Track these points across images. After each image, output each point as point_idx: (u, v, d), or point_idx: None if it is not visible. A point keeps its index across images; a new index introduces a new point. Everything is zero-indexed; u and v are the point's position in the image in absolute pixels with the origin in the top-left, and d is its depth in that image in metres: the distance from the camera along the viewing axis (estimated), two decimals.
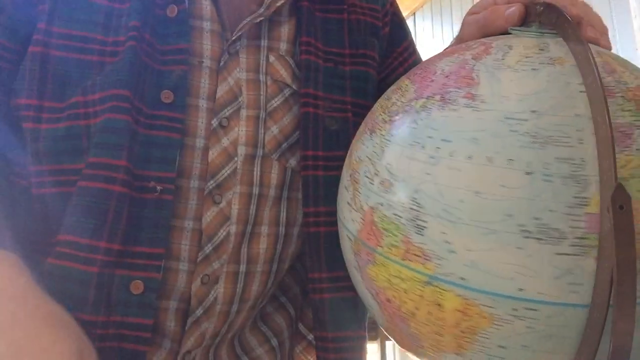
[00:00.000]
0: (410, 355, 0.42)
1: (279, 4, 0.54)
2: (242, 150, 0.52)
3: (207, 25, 0.53)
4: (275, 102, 0.55)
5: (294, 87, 0.55)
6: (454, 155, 0.34)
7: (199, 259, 0.51)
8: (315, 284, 0.52)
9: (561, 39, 0.39)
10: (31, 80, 0.48)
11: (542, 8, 0.40)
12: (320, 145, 0.53)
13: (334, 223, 0.47)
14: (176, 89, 0.49)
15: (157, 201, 0.48)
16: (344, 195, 0.42)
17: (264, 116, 0.54)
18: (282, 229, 0.55)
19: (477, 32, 0.46)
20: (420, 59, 0.67)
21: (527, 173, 0.32)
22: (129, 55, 0.48)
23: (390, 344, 1.71)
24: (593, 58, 0.34)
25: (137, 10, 0.49)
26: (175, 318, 0.51)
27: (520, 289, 0.32)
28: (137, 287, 0.47)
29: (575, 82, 0.34)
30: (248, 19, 0.53)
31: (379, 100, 0.44)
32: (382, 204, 0.37)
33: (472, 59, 0.38)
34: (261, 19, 0.53)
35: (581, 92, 0.34)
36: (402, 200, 0.35)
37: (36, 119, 0.48)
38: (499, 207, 0.32)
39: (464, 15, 0.50)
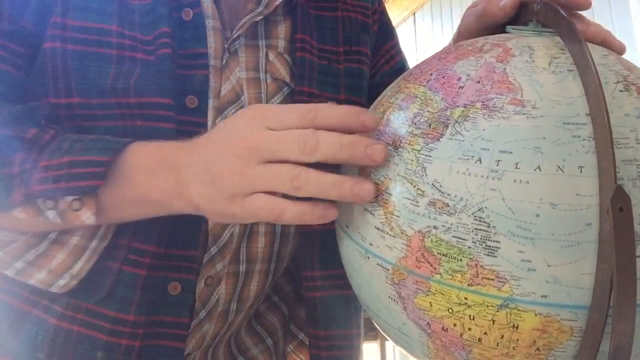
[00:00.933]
0: (410, 355, 0.41)
1: (277, 2, 0.53)
2: None
3: (209, 23, 0.51)
4: (275, 100, 0.54)
5: (292, 85, 0.55)
6: (519, 167, 0.32)
7: (204, 261, 0.51)
8: (309, 282, 0.53)
9: (559, 37, 0.39)
10: (55, 78, 0.47)
11: (539, 7, 0.40)
12: None
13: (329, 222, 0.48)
14: (199, 93, 0.50)
15: None
16: (368, 219, 0.38)
17: None
18: (278, 227, 0.55)
19: (474, 22, 0.47)
20: (405, 60, 0.67)
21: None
22: (166, 63, 0.47)
23: (390, 344, 1.67)
24: (591, 56, 0.34)
25: (164, 15, 0.48)
26: None
27: None
28: (174, 288, 0.48)
29: (612, 81, 0.34)
30: (248, 17, 0.52)
31: (383, 110, 0.40)
32: (435, 227, 0.33)
33: (497, 61, 0.36)
34: (260, 17, 0.53)
35: (621, 91, 0.34)
36: (463, 221, 0.32)
37: (70, 117, 0.47)
38: (578, 217, 0.30)
39: None
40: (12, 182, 0.42)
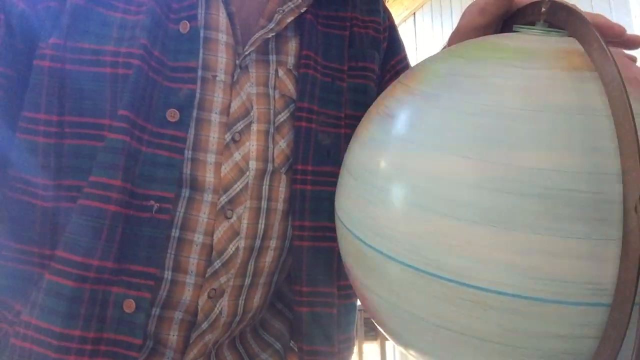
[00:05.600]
0: (410, 356, 0.40)
1: (289, 19, 0.53)
2: (253, 165, 0.52)
3: (222, 37, 0.51)
4: (282, 117, 0.54)
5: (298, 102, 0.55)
6: None
7: (207, 274, 0.51)
8: (297, 296, 0.53)
9: (571, 37, 0.39)
10: (51, 96, 0.47)
11: (547, 6, 0.40)
12: (310, 161, 0.53)
13: (318, 238, 0.52)
14: (182, 107, 0.49)
15: (153, 220, 0.47)
16: None
17: (272, 131, 0.54)
18: (287, 242, 0.55)
19: (478, 18, 0.46)
20: None
21: None
22: (134, 75, 0.47)
23: (390, 344, 1.57)
24: (611, 53, 0.34)
25: (146, 27, 0.48)
26: (178, 329, 0.51)
27: None
28: (129, 305, 0.47)
29: None
30: (260, 34, 0.52)
31: None
32: None
33: None
34: (272, 34, 0.53)
35: None
36: None
37: (59, 134, 0.48)
38: None
39: None
40: None
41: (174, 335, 0.51)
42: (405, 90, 0.41)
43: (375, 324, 0.44)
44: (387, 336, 0.42)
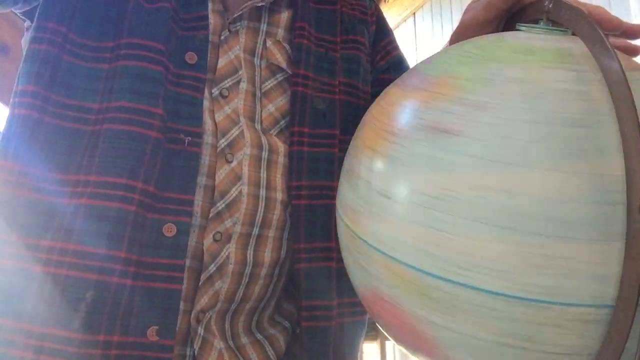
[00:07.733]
0: (410, 355, 0.40)
1: None
2: (243, 120, 0.54)
3: (210, 5, 0.55)
4: (269, 84, 0.57)
5: (288, 71, 0.58)
6: None
7: (211, 215, 0.52)
8: (296, 254, 0.54)
9: (575, 35, 0.39)
10: (64, 9, 0.50)
11: (550, 5, 0.39)
12: (306, 123, 0.55)
13: (315, 197, 0.54)
14: (199, 51, 0.53)
15: (186, 152, 0.50)
16: None
17: (259, 95, 0.56)
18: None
19: (482, 13, 0.46)
20: (402, 55, 0.68)
21: None
22: (163, 15, 0.51)
23: (390, 344, 1.57)
24: (615, 53, 0.34)
25: None
26: (187, 277, 0.51)
27: None
28: (169, 230, 0.49)
29: None
30: (250, 3, 0.55)
31: None
32: None
33: None
34: (262, 4, 0.56)
35: None
36: None
37: (62, 48, 0.50)
38: None
39: None
40: None
41: (183, 284, 0.51)
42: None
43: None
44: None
